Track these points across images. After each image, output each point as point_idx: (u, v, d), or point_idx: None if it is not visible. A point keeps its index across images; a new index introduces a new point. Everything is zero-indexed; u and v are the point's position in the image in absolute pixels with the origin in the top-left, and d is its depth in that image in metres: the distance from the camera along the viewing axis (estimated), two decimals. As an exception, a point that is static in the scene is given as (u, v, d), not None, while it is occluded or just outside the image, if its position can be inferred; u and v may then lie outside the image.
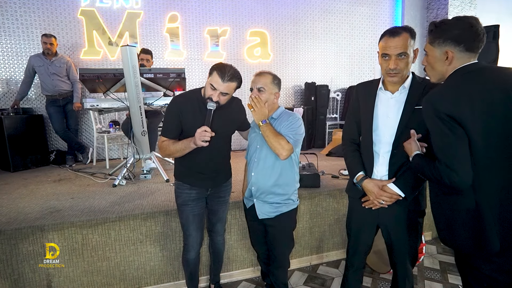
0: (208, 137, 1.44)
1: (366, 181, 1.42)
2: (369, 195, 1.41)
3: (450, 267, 2.35)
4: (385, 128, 1.37)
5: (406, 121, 1.31)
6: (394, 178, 1.37)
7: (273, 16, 4.76)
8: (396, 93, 1.37)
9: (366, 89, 1.47)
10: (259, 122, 1.54)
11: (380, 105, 1.39)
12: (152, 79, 2.69)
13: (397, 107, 1.35)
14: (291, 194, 1.67)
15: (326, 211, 2.41)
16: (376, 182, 1.39)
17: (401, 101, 1.34)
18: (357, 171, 1.45)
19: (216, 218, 1.84)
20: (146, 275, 2.06)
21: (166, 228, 2.05)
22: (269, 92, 1.60)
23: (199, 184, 1.68)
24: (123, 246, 1.98)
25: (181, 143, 1.55)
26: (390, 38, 1.28)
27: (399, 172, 1.37)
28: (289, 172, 1.65)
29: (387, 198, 1.36)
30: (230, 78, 1.49)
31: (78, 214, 1.99)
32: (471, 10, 5.23)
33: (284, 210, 1.65)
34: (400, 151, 1.32)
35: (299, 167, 2.56)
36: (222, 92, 1.50)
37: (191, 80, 4.41)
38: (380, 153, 1.39)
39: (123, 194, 2.43)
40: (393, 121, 1.35)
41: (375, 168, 1.42)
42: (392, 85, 1.37)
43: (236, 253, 2.23)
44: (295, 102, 5.05)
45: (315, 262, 2.43)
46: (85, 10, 3.98)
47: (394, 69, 1.29)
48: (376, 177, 1.42)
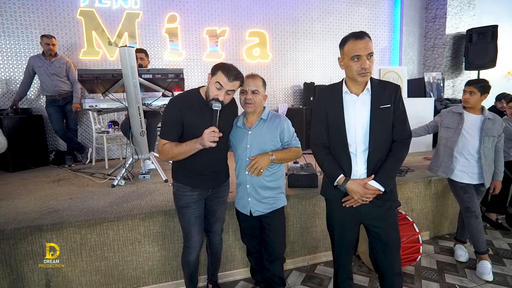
0: (216, 138, 1.46)
1: (350, 182, 1.46)
2: (353, 195, 1.46)
3: (447, 267, 2.36)
4: (357, 129, 1.44)
5: (375, 120, 1.41)
6: (373, 175, 1.45)
7: (272, 16, 4.78)
8: (361, 95, 1.45)
9: (330, 93, 1.51)
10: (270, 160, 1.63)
11: (348, 108, 1.46)
12: (151, 80, 2.70)
13: (364, 108, 1.44)
14: (282, 186, 1.79)
15: (324, 211, 2.40)
16: (358, 181, 1.45)
17: (367, 101, 1.44)
18: (338, 174, 1.48)
19: (215, 218, 1.84)
20: (144, 274, 2.07)
21: (165, 228, 2.06)
22: (261, 95, 1.66)
23: (201, 186, 1.68)
24: (121, 246, 1.99)
25: (185, 145, 1.53)
26: (358, 41, 1.36)
27: (375, 168, 1.45)
28: (279, 165, 1.75)
29: (371, 195, 1.44)
30: (235, 77, 1.51)
31: (77, 214, 2.00)
32: (470, 10, 5.24)
33: (276, 207, 1.75)
34: (375, 150, 1.43)
35: (297, 167, 2.58)
36: (228, 90, 1.52)
37: (190, 81, 4.42)
38: (357, 153, 1.46)
39: (122, 194, 2.44)
40: (363, 121, 1.43)
41: (353, 168, 1.48)
42: (356, 88, 1.46)
43: (234, 253, 2.24)
44: (294, 102, 5.06)
45: (312, 262, 2.44)
46: (84, 11, 3.99)
47: (367, 68, 1.37)
48: (355, 176, 1.48)
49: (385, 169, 1.43)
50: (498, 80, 5.63)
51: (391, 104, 1.41)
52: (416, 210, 2.75)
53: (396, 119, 1.43)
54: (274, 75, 4.92)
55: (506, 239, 2.81)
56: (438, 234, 2.89)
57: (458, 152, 2.23)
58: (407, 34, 5.39)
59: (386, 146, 1.45)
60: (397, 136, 1.45)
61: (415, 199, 2.73)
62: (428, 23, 5.40)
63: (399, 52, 5.42)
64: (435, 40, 5.30)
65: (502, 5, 5.61)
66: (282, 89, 4.99)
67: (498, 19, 5.22)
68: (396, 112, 1.43)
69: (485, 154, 2.16)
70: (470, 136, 2.17)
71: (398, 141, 1.45)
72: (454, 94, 5.32)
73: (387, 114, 1.42)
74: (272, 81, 4.91)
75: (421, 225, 2.76)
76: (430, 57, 5.41)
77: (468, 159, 2.20)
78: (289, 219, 2.33)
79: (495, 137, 2.17)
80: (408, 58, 5.47)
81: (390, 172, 1.43)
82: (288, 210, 2.31)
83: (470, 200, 2.21)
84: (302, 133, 4.47)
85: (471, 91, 2.13)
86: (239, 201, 1.80)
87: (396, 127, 1.44)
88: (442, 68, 5.21)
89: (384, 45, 5.36)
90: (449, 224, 2.93)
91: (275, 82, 4.93)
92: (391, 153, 1.45)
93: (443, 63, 5.20)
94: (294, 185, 2.43)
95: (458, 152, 2.23)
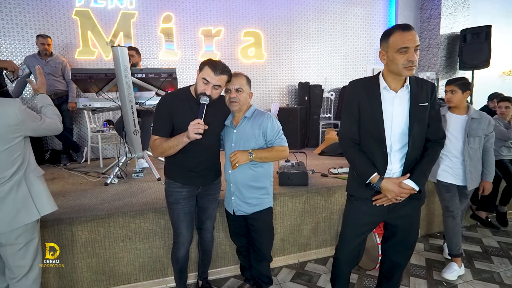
0: (201, 130, 1.48)
1: (385, 180, 1.41)
2: (388, 194, 1.41)
3: (436, 264, 2.39)
4: (394, 126, 1.39)
5: (414, 118, 1.37)
6: (408, 174, 1.42)
7: (267, 16, 4.80)
8: (399, 91, 1.40)
9: (366, 88, 1.43)
10: (249, 157, 1.61)
11: (386, 104, 1.40)
12: (144, 79, 2.73)
13: (402, 105, 1.39)
14: (269, 187, 1.76)
15: (314, 209, 2.45)
16: (393, 180, 1.41)
17: (405, 99, 1.39)
18: (371, 172, 1.42)
19: (206, 216, 1.87)
20: (135, 271, 2.09)
21: (155, 225, 2.09)
22: (246, 92, 1.67)
23: (191, 182, 1.71)
24: (112, 242, 2.02)
25: (173, 139, 1.57)
26: (406, 32, 1.29)
27: (411, 167, 1.43)
28: (265, 164, 1.73)
29: (406, 195, 1.41)
30: (222, 71, 1.54)
31: (68, 211, 2.03)
32: (464, 10, 5.27)
33: (260, 209, 1.74)
34: (412, 148, 1.39)
35: (288, 166, 2.61)
36: (215, 85, 1.54)
37: (185, 80, 4.45)
38: (392, 151, 1.41)
39: (114, 192, 2.46)
40: (400, 119, 1.38)
41: (388, 167, 1.43)
42: (396, 83, 1.40)
43: (225, 250, 2.27)
44: (289, 101, 5.09)
45: (303, 259, 2.47)
46: (80, 11, 4.01)
47: (415, 61, 1.30)
48: (389, 175, 1.43)
49: (421, 168, 1.41)
50: (493, 80, 5.66)
51: (428, 102, 1.39)
52: (406, 208, 2.77)
53: (431, 118, 1.42)
54: (269, 75, 4.95)
55: (496, 237, 2.84)
56: (429, 232, 2.93)
57: (443, 154, 2.22)
58: (402, 34, 5.40)
59: (422, 145, 1.44)
60: (432, 135, 1.44)
61: (405, 197, 2.76)
62: (423, 23, 5.43)
63: (394, 52, 5.44)
64: (430, 40, 5.33)
65: (497, 5, 5.64)
66: (277, 89, 5.01)
67: (492, 19, 5.24)
68: (432, 111, 1.41)
69: (470, 156, 2.14)
70: (453, 137, 2.16)
71: (433, 140, 1.44)
72: (449, 94, 5.34)
73: (425, 112, 1.39)
74: (267, 81, 4.94)
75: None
76: (424, 57, 5.44)
77: (453, 161, 2.19)
78: (279, 217, 2.35)
79: (481, 137, 2.15)
80: (403, 58, 5.49)
81: (425, 172, 1.42)
82: (279, 208, 2.34)
83: (451, 199, 2.21)
84: (297, 133, 4.50)
85: (452, 89, 2.13)
86: (226, 199, 1.83)
87: (431, 126, 1.42)
88: (436, 68, 5.24)
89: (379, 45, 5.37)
90: (439, 222, 2.95)
91: (270, 82, 4.96)
92: (427, 152, 1.43)
93: (437, 63, 5.23)
94: (285, 183, 2.46)
95: (442, 154, 2.22)
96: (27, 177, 1.47)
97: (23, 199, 1.44)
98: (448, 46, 5.25)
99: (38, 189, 1.50)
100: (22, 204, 1.43)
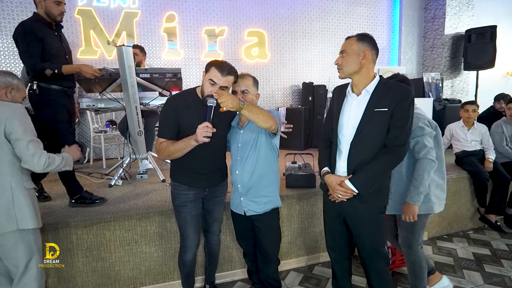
0: (210, 133, 1.44)
1: (327, 175, 1.52)
2: (329, 189, 1.51)
3: (445, 267, 2.36)
4: (347, 128, 1.46)
5: (364, 122, 1.40)
6: (351, 174, 1.45)
7: (271, 16, 4.76)
8: (360, 95, 1.45)
9: (339, 91, 1.56)
10: (239, 106, 1.41)
11: (346, 107, 1.49)
12: (148, 79, 2.69)
13: (360, 109, 1.43)
14: (276, 186, 1.74)
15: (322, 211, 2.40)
16: (335, 177, 1.49)
17: (364, 102, 1.42)
18: (323, 166, 1.58)
19: (212, 219, 1.84)
20: (141, 275, 2.06)
21: (161, 228, 2.05)
22: (252, 94, 1.65)
23: (197, 185, 1.68)
24: (118, 246, 1.98)
25: (180, 142, 1.53)
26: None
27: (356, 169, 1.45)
28: (272, 162, 1.71)
29: (342, 193, 1.44)
30: (229, 72, 1.51)
31: (73, 214, 1.99)
32: (469, 10, 5.24)
33: (270, 208, 1.71)
34: (357, 150, 1.43)
35: (295, 168, 2.57)
36: (222, 86, 1.51)
37: (188, 80, 4.41)
38: (343, 150, 1.49)
39: (119, 194, 2.43)
40: (355, 121, 1.44)
41: (337, 164, 1.52)
42: (357, 88, 1.46)
43: (231, 253, 2.23)
44: (293, 102, 5.05)
45: (310, 262, 2.43)
46: (82, 10, 3.97)
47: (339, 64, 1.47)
48: (338, 172, 1.52)
49: (362, 171, 1.41)
50: (497, 81, 5.63)
51: (390, 108, 1.36)
52: (414, 210, 2.74)
53: (392, 124, 1.38)
54: (273, 75, 4.91)
55: (504, 239, 2.81)
56: (436, 235, 2.89)
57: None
58: (406, 34, 5.38)
59: (373, 149, 1.41)
60: (387, 141, 1.41)
61: (413, 199, 2.72)
62: (427, 23, 5.40)
63: (398, 52, 5.41)
64: (434, 40, 5.30)
65: (501, 5, 5.61)
66: (281, 89, 4.98)
67: (497, 20, 5.21)
68: (395, 117, 1.37)
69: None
70: None
71: (387, 146, 1.41)
72: (453, 95, 5.32)
73: (381, 118, 1.38)
74: (270, 81, 4.90)
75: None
76: (429, 57, 5.41)
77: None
78: (286, 219, 2.32)
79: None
80: (407, 58, 5.47)
81: (365, 175, 1.41)
82: (286, 210, 2.31)
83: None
84: (301, 134, 4.47)
85: None
86: (233, 201, 1.79)
87: (390, 132, 1.39)
88: (441, 69, 5.20)
89: (383, 45, 5.35)
90: (447, 224, 2.93)
91: (273, 82, 4.92)
92: (374, 157, 1.41)
93: (442, 63, 5.20)
94: (292, 185, 2.42)
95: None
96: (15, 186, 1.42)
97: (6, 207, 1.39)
98: (452, 46, 5.22)
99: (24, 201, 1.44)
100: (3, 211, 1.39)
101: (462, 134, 3.09)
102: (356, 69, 1.42)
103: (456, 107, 4.40)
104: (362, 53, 1.40)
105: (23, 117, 1.42)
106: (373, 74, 1.45)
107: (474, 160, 2.94)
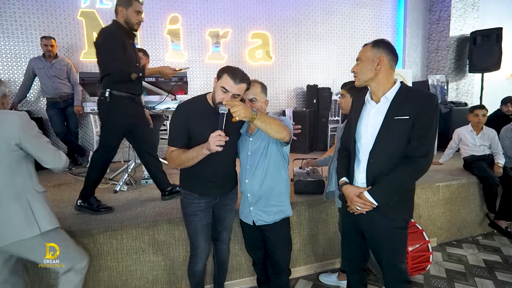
0: (223, 142, 1.39)
1: (345, 186, 1.47)
2: (347, 200, 1.46)
3: (457, 275, 2.32)
4: (366, 137, 1.40)
5: (385, 130, 1.34)
6: (370, 186, 1.39)
7: (275, 18, 4.73)
8: (379, 103, 1.38)
9: (360, 98, 1.50)
10: (252, 116, 1.38)
11: (364, 115, 1.44)
12: (154, 83, 2.66)
13: (379, 117, 1.37)
14: (286, 195, 1.70)
15: (331, 218, 2.38)
16: (353, 188, 1.44)
17: (383, 110, 1.36)
18: (341, 177, 1.53)
19: (223, 227, 1.80)
20: (148, 284, 2.01)
21: (169, 236, 2.01)
22: (261, 101, 1.60)
23: (208, 193, 1.64)
24: (125, 255, 1.94)
25: (192, 151, 1.48)
26: None
27: (375, 180, 1.38)
28: (282, 171, 1.66)
29: (360, 205, 1.39)
30: (241, 80, 1.46)
31: (79, 223, 1.95)
32: (474, 12, 5.21)
33: (280, 218, 1.67)
34: (376, 160, 1.37)
35: (303, 173, 2.53)
36: (234, 94, 1.47)
37: (192, 82, 4.37)
38: (362, 160, 1.43)
39: (125, 201, 2.39)
40: (373, 130, 1.38)
41: (356, 175, 1.46)
42: (376, 95, 1.40)
43: (240, 262, 2.19)
44: (297, 104, 5.02)
45: (320, 270, 2.39)
46: (85, 12, 3.93)
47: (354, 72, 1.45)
48: (357, 183, 1.46)
49: (381, 183, 1.34)
50: (500, 83, 5.60)
51: (411, 116, 1.29)
52: (423, 216, 2.70)
53: (413, 133, 1.30)
54: (277, 77, 4.87)
55: (515, 246, 2.77)
56: (445, 241, 2.85)
57: None
58: (410, 36, 5.34)
59: (393, 159, 1.34)
60: (409, 151, 1.32)
61: (422, 205, 2.69)
62: (432, 25, 5.37)
63: (403, 54, 5.37)
64: (439, 42, 5.27)
65: (506, 7, 5.58)
66: (285, 92, 4.94)
67: (502, 21, 5.19)
68: (417, 125, 1.29)
69: None
70: None
71: (408, 156, 1.33)
72: (458, 97, 5.28)
73: (403, 126, 1.30)
74: (274, 83, 4.86)
75: (428, 231, 2.71)
76: (433, 60, 5.38)
77: None
78: (296, 226, 2.28)
79: None
80: (411, 60, 5.43)
81: (385, 187, 1.34)
82: (296, 217, 2.26)
83: None
84: (306, 137, 4.43)
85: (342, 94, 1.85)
86: (242, 210, 1.75)
87: (412, 142, 1.31)
88: (446, 71, 5.17)
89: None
90: (456, 230, 2.89)
91: (278, 84, 4.88)
92: (394, 168, 1.33)
93: (447, 65, 5.16)
94: (300, 192, 2.38)
95: None
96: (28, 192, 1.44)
97: (24, 213, 1.40)
98: (457, 48, 5.18)
99: (41, 205, 1.46)
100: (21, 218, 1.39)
101: (470, 138, 3.05)
102: (371, 76, 1.37)
103: (462, 110, 4.38)
104: (376, 59, 1.36)
105: (31, 123, 1.43)
106: (393, 80, 1.38)
107: (483, 165, 2.90)
